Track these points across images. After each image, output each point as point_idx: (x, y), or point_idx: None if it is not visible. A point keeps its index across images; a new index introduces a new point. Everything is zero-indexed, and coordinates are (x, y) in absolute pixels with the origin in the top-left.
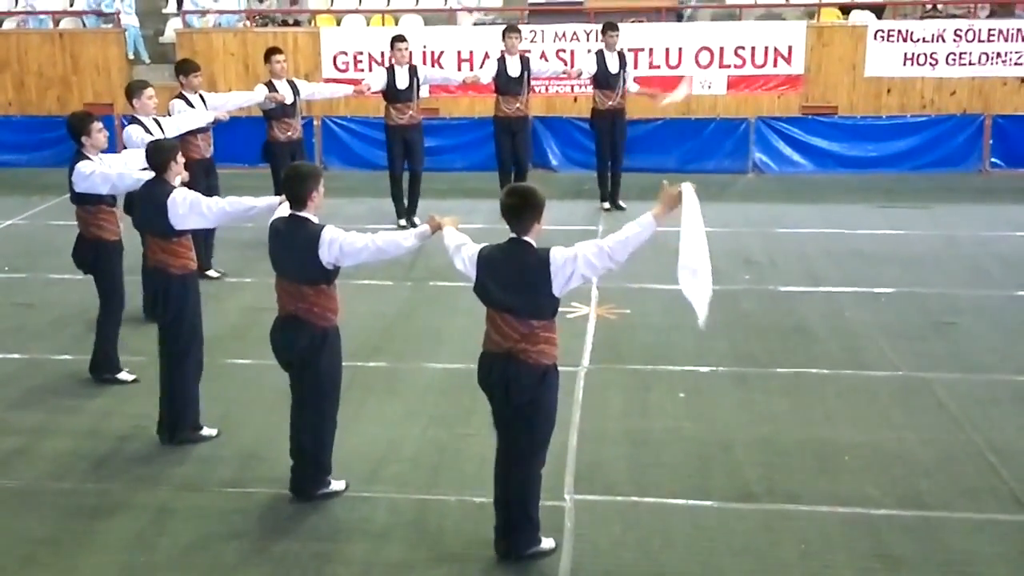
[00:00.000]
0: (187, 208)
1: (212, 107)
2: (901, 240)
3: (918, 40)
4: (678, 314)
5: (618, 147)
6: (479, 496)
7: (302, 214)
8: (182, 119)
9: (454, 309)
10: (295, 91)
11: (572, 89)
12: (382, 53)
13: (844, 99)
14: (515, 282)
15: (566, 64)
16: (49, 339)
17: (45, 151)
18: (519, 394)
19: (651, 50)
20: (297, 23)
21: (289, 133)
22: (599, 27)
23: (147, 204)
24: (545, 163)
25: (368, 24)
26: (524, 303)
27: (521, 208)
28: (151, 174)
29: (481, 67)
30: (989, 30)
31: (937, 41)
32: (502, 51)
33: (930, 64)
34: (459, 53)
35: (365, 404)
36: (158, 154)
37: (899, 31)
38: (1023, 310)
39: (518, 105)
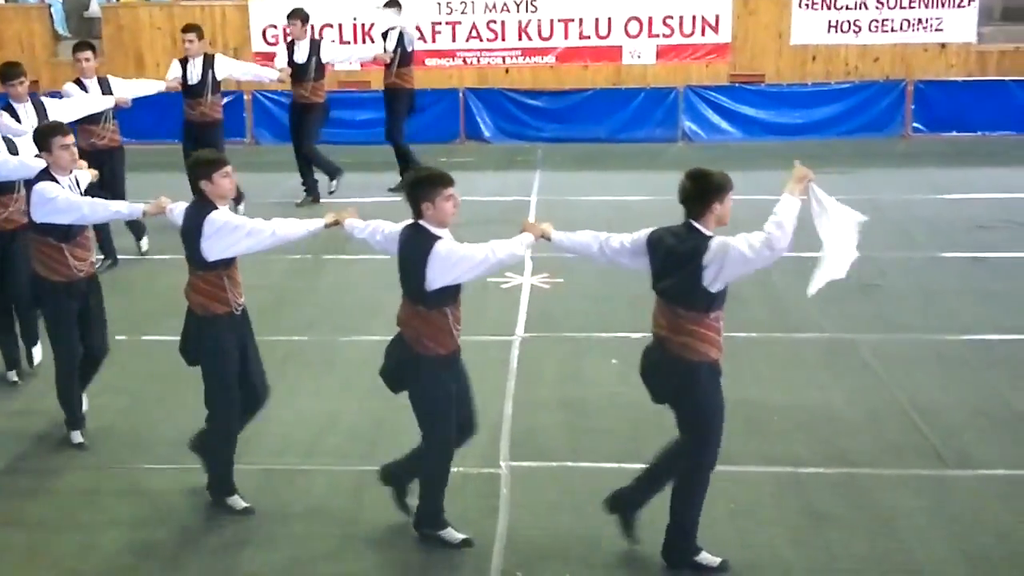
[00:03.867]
0: (222, 234)
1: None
2: None
3: (842, 7)
4: (612, 283)
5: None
6: None
7: (420, 223)
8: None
9: (389, 283)
10: (106, 91)
11: (504, 60)
12: (312, 26)
13: (771, 67)
14: (669, 266)
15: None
16: None
17: None
18: (656, 385)
19: (581, 20)
20: None
21: (92, 140)
22: None
23: (184, 227)
24: (478, 135)
25: None
26: (671, 288)
27: (690, 192)
28: (134, 206)
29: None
30: None
31: (860, 8)
32: (291, 38)
33: (854, 31)
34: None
35: (302, 378)
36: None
37: None
38: (945, 272)
39: (301, 91)
